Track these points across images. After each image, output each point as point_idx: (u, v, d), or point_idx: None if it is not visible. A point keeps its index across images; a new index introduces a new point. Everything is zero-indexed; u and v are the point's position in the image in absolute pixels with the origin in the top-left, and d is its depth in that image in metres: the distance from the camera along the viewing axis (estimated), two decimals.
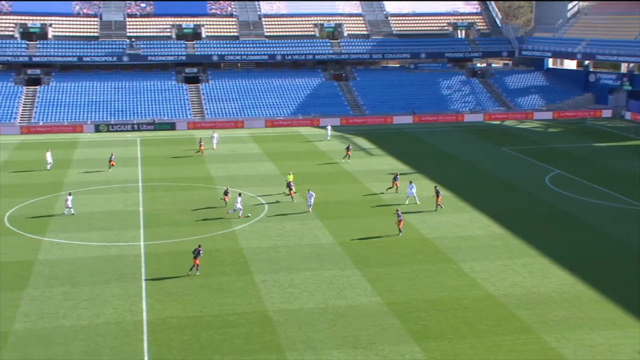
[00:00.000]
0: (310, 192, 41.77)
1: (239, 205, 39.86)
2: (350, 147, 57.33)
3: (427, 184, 49.21)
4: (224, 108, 78.38)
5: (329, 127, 68.62)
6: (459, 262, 33.91)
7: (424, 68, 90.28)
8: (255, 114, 77.92)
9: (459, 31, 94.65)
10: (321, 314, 28.41)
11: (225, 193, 41.88)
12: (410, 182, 44.51)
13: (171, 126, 73.63)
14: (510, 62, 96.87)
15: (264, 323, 27.56)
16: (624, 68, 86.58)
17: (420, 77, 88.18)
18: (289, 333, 26.85)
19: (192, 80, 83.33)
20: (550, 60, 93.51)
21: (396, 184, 45.83)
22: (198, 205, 42.92)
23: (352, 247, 35.96)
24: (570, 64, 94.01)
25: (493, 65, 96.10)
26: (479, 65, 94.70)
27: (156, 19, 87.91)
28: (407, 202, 43.28)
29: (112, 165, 52.91)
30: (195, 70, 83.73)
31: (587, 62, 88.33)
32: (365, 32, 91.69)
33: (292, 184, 44.63)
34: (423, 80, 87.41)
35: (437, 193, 42.22)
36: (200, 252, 31.81)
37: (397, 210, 38.35)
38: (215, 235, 37.30)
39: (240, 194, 41.27)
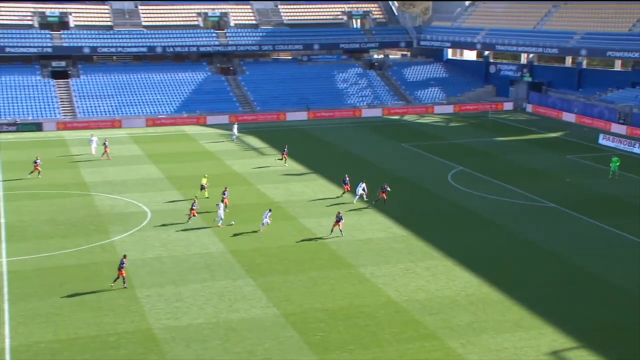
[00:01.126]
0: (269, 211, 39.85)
1: (220, 213, 40.03)
2: (286, 149, 57.19)
3: (323, 185, 49.91)
4: (99, 106, 75.85)
5: (235, 127, 68.02)
6: (359, 267, 34.61)
7: (317, 60, 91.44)
8: (135, 112, 75.97)
9: (354, 20, 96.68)
10: (212, 330, 28.16)
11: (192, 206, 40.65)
12: (363, 182, 46.15)
13: (37, 127, 70.37)
14: (409, 53, 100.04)
15: (148, 342, 26.95)
16: (523, 59, 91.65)
17: (314, 69, 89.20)
18: (176, 352, 26.41)
19: (61, 75, 79.96)
20: (450, 51, 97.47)
21: (346, 188, 46.02)
22: (70, 215, 41.34)
23: (244, 255, 35.90)
24: (470, 55, 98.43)
25: (391, 56, 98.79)
26: (376, 56, 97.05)
27: (14, 4, 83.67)
28: (355, 202, 45.02)
29: None
30: (63, 63, 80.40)
31: (487, 52, 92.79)
32: (253, 22, 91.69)
33: (206, 187, 44.89)
34: (317, 73, 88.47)
35: (383, 189, 44.40)
36: (125, 262, 31.53)
37: (339, 213, 39.11)
38: (91, 248, 36.10)
39: (223, 199, 41.59)
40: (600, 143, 64.07)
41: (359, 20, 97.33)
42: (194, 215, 40.58)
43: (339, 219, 38.56)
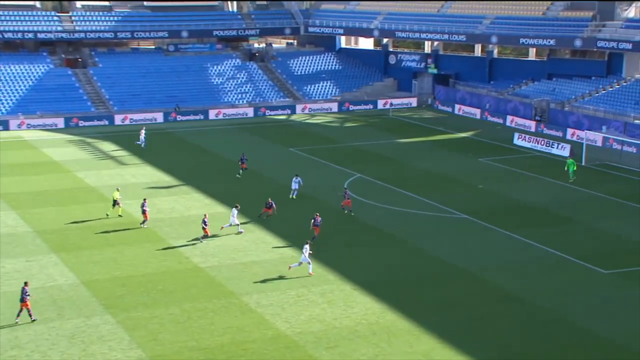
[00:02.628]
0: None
1: (234, 220, 42.40)
2: (245, 158, 56.20)
3: (197, 199, 49.62)
4: None
5: (142, 131, 66.53)
6: (242, 295, 34.61)
7: (187, 50, 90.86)
8: None
9: (229, 3, 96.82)
10: None
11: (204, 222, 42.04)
12: (297, 176, 49.28)
13: None
14: (295, 42, 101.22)
15: None
16: (427, 47, 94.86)
17: (183, 61, 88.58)
18: None
19: None
20: (343, 39, 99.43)
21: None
22: None
23: (101, 287, 35.18)
24: (367, 43, 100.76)
25: (274, 45, 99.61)
26: (256, 45, 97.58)
27: None
28: (293, 196, 48.63)
29: None
30: None
31: (385, 40, 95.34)
32: (106, 3, 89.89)
33: (119, 202, 45.05)
34: (187, 65, 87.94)
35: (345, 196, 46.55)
36: (26, 291, 31.60)
37: (316, 215, 41.39)
38: None
39: (236, 206, 43.25)
40: (516, 143, 67.21)
41: (235, 3, 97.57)
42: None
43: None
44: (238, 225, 42.87)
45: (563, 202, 49.53)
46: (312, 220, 41.73)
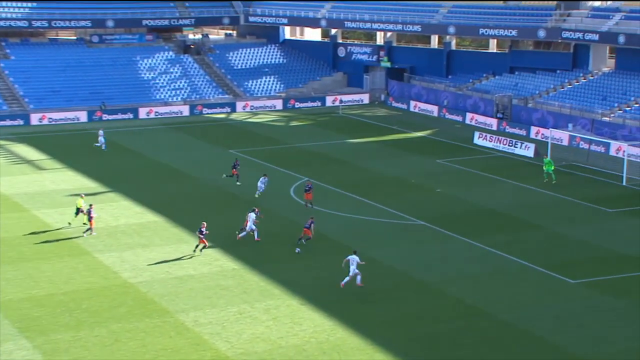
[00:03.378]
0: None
1: (251, 225, 42.91)
2: (238, 163, 55.41)
3: (126, 207, 49.09)
4: None
5: (101, 132, 65.46)
6: (178, 313, 34.28)
7: (113, 41, 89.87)
8: None
9: None
10: None
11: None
12: (264, 176, 51.15)
13: None
14: (235, 32, 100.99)
15: None
16: (380, 39, 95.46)
17: (108, 54, 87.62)
18: None
19: None
20: (288, 30, 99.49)
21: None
22: None
23: (14, 307, 34.50)
24: (314, 34, 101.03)
25: (211, 36, 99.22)
26: (192, 37, 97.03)
27: None
28: (257, 195, 50.44)
29: None
30: None
31: (334, 31, 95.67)
32: None
33: (83, 210, 44.80)
34: (113, 58, 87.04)
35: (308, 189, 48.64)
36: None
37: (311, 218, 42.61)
38: None
39: (254, 210, 43.77)
40: (476, 143, 67.94)
41: None
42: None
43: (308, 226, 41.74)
44: (255, 231, 43.01)
45: (527, 206, 50.17)
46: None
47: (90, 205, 44.84)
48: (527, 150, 63.82)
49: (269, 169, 58.79)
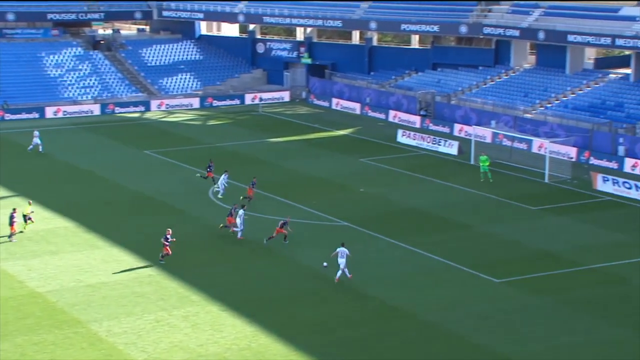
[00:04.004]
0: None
1: (242, 224, 43.90)
2: (212, 165, 54.61)
3: (34, 211, 48.20)
4: None
5: (36, 133, 63.86)
6: (91, 323, 33.80)
7: (14, 36, 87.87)
8: None
9: None
10: None
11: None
12: (226, 172, 51.93)
13: None
14: (148, 27, 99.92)
15: None
16: (300, 34, 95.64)
17: (10, 49, 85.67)
18: None
19: None
20: (204, 25, 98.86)
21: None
22: None
23: None
24: (232, 30, 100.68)
25: (123, 32, 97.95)
26: (102, 32, 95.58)
27: None
28: (220, 195, 51.05)
29: None
30: None
31: (252, 26, 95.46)
32: None
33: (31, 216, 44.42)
34: (16, 54, 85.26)
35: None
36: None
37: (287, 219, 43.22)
38: None
39: (244, 206, 45.13)
40: (400, 141, 68.65)
41: None
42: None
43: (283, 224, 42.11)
44: (240, 230, 43.86)
45: (452, 205, 50.90)
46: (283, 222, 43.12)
47: (14, 209, 43.92)
48: (451, 148, 64.76)
49: (186, 171, 58.39)
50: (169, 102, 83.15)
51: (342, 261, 37.94)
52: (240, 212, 44.09)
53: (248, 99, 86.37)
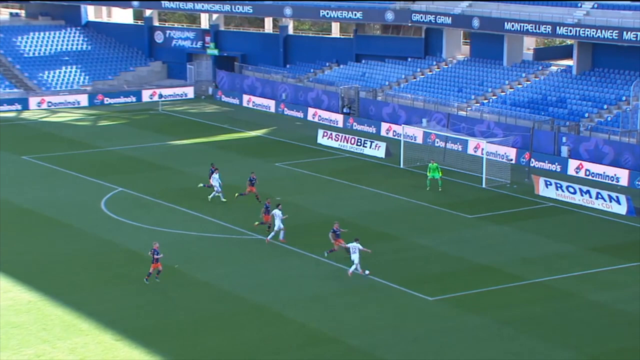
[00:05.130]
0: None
1: (280, 224, 45.13)
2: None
3: None
4: None
5: None
6: None
7: None
8: None
9: None
10: None
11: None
12: (216, 170, 52.51)
13: None
14: (23, 12, 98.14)
15: None
16: (204, 21, 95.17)
17: None
18: None
19: None
20: (91, 10, 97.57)
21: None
22: None
23: None
24: (125, 16, 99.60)
25: None
26: None
27: None
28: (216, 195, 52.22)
29: None
30: None
31: (149, 12, 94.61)
32: None
33: None
34: None
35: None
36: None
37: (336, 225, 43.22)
38: None
39: (279, 205, 45.94)
40: (320, 143, 68.77)
41: None
42: None
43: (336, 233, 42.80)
44: (282, 230, 45.40)
45: (379, 214, 51.14)
46: (333, 230, 43.23)
47: None
48: (378, 150, 65.07)
49: (74, 179, 57.61)
50: (51, 100, 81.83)
51: (354, 256, 40.59)
52: (277, 211, 45.36)
53: (145, 95, 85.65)
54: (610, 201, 51.90)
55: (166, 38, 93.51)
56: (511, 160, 61.90)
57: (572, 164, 60.50)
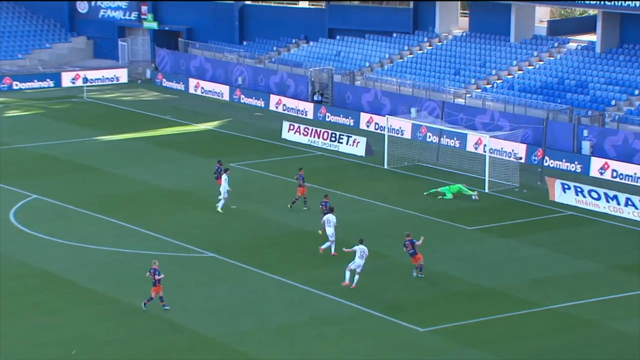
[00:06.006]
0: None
1: (333, 233, 46.65)
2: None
3: None
4: None
5: None
6: None
7: None
8: None
9: None
10: None
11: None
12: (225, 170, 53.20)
13: None
14: None
15: None
16: None
17: None
18: None
19: None
20: None
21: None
22: None
23: None
24: None
25: None
26: None
27: None
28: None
29: None
30: None
31: None
32: None
33: None
34: None
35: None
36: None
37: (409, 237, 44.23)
38: None
39: (332, 209, 47.56)
40: (286, 138, 68.86)
41: None
42: None
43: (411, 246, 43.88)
44: (333, 242, 46.74)
45: (358, 226, 50.86)
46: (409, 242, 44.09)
47: None
48: (357, 147, 65.17)
49: None
50: None
51: (360, 262, 42.31)
52: (331, 217, 46.82)
53: (66, 79, 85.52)
54: None
55: (92, 8, 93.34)
56: (520, 159, 61.95)
57: (596, 163, 60.87)
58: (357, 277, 42.41)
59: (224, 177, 52.64)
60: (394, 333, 39.01)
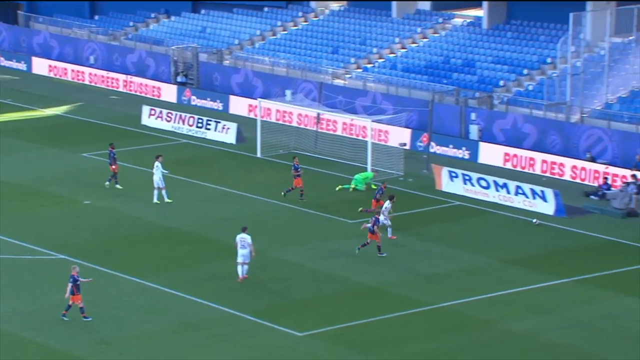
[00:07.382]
0: None
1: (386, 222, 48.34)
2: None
3: None
4: None
5: None
6: None
7: None
8: None
9: None
10: None
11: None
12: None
13: None
14: None
15: None
16: None
17: None
18: None
19: None
20: None
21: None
22: None
23: None
24: None
25: None
26: None
27: None
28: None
29: None
30: None
31: None
32: None
33: None
34: None
35: None
36: None
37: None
38: None
39: (392, 198, 49.65)
40: (146, 124, 68.54)
41: None
42: None
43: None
44: (389, 227, 48.76)
45: (228, 220, 50.91)
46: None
47: None
48: (226, 134, 65.13)
49: None
50: None
51: (243, 252, 43.63)
52: (387, 204, 49.45)
53: None
54: (534, 198, 53.16)
55: None
56: (404, 145, 62.51)
57: (485, 149, 61.76)
58: (246, 267, 43.33)
59: (157, 164, 52.81)
60: (268, 338, 39.13)
